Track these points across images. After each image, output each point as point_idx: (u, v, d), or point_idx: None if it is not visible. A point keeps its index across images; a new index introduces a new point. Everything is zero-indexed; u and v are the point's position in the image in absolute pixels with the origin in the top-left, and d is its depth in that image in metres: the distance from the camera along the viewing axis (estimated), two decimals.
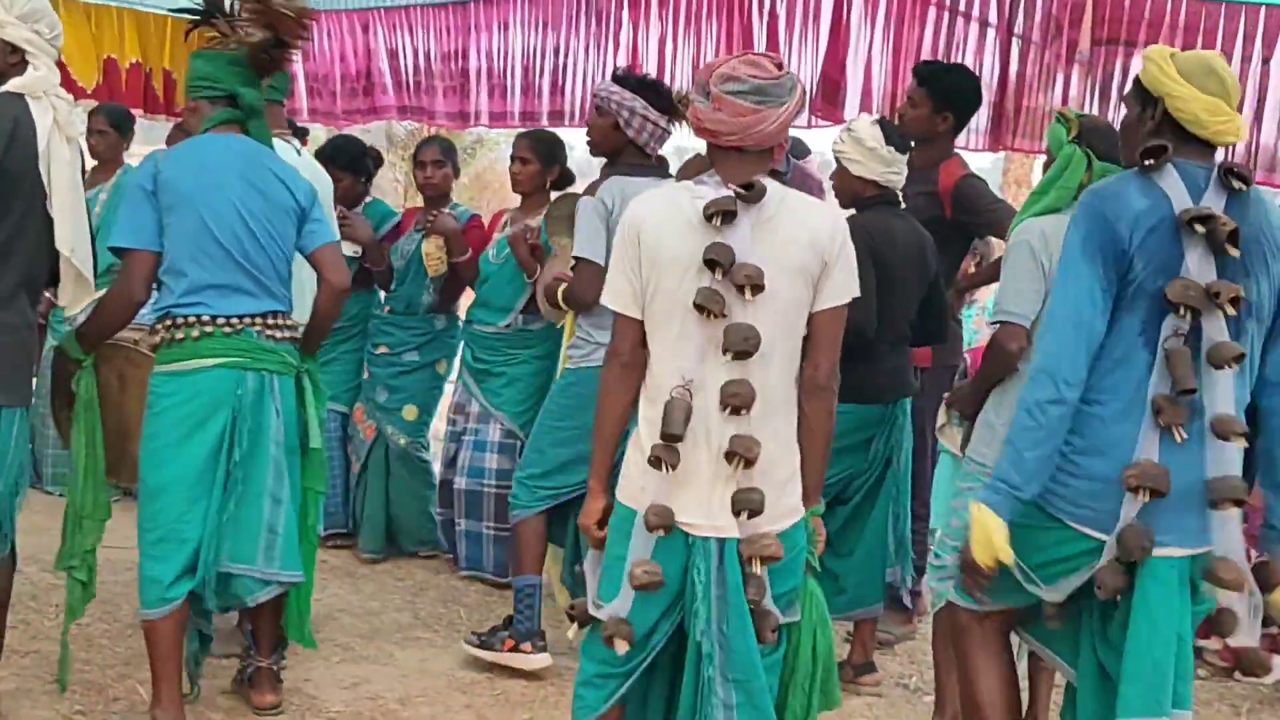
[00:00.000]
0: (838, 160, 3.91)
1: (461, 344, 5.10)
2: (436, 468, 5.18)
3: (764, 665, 2.54)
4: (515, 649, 3.90)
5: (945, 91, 4.34)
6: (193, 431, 3.16)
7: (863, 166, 3.83)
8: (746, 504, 2.45)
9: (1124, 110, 2.75)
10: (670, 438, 2.46)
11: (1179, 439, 2.47)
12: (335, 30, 7.59)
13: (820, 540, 2.71)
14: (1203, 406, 2.50)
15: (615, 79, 3.90)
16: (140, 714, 3.33)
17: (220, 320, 3.17)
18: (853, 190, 3.90)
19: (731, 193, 2.46)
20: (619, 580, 2.54)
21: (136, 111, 6.67)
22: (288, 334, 3.32)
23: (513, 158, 4.82)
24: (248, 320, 3.22)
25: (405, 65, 7.03)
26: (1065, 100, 4.93)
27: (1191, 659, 2.65)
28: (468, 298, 5.11)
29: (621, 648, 2.53)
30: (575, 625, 2.74)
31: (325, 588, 4.60)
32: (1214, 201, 2.49)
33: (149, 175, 3.20)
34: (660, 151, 3.96)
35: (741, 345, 2.43)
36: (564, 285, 3.85)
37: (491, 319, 4.77)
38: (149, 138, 8.00)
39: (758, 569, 2.46)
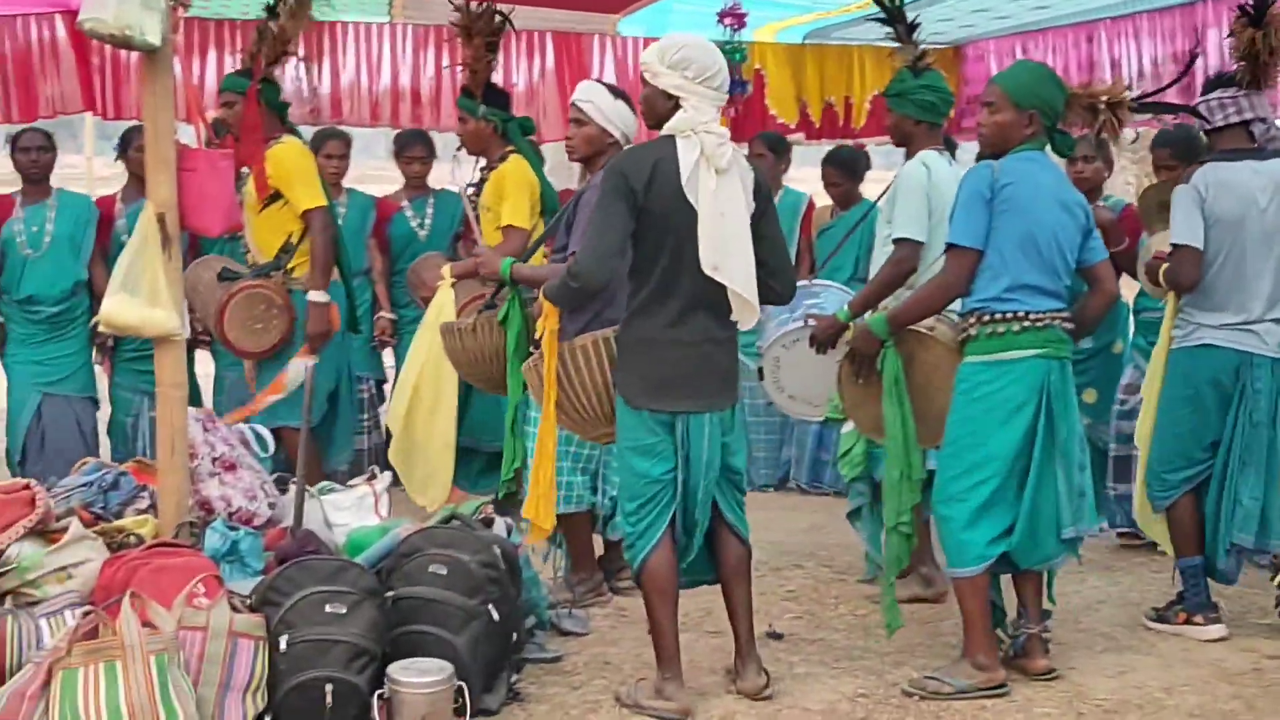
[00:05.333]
0: None
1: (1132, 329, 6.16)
2: None
3: None
4: (1188, 621, 5.09)
5: None
6: (1011, 415, 4.44)
7: None
8: None
9: None
10: None
11: None
12: (1060, 45, 8.55)
13: None
14: None
15: None
16: (914, 704, 4.49)
17: (1035, 315, 4.43)
18: None
19: None
20: None
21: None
22: (1070, 327, 4.56)
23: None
24: (1053, 316, 4.47)
25: (1130, 73, 7.80)
26: None
27: None
28: None
29: None
30: None
31: (1084, 580, 5.73)
32: None
33: (986, 183, 4.46)
34: None
35: None
36: (1164, 266, 5.12)
37: (1158, 304, 5.71)
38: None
39: None
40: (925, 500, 4.81)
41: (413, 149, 7.78)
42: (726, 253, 4.26)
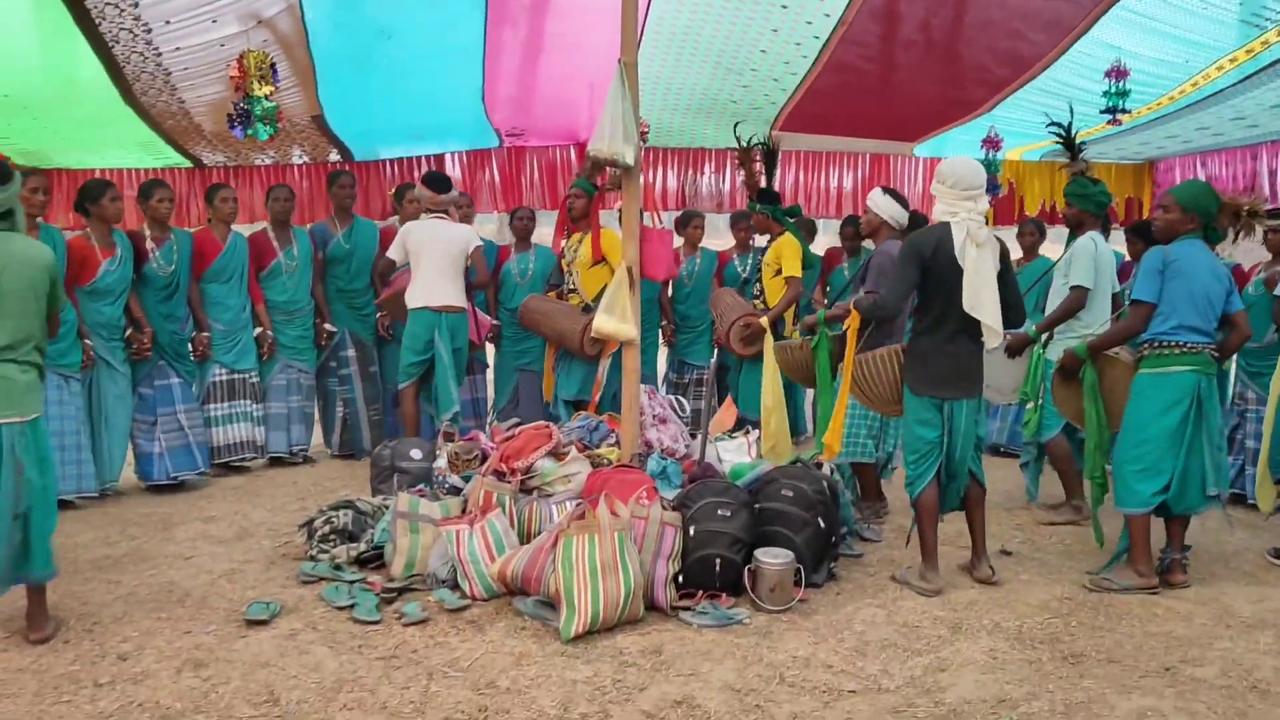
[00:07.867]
0: None
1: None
2: None
3: None
4: None
5: None
6: (1169, 408, 4.34)
7: None
8: None
9: None
10: None
11: None
12: (1230, 161, 7.50)
13: None
14: None
15: None
16: (1100, 600, 4.29)
17: (1191, 345, 4.33)
18: None
19: None
20: None
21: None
22: (1216, 354, 4.38)
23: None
24: (1203, 346, 4.33)
25: None
26: None
27: None
28: None
29: None
30: None
31: (1234, 533, 5.27)
32: None
33: (1160, 260, 4.35)
34: None
35: None
36: None
37: (1257, 339, 5.61)
38: None
39: None
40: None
41: (742, 221, 7.54)
42: (979, 297, 4.25)
